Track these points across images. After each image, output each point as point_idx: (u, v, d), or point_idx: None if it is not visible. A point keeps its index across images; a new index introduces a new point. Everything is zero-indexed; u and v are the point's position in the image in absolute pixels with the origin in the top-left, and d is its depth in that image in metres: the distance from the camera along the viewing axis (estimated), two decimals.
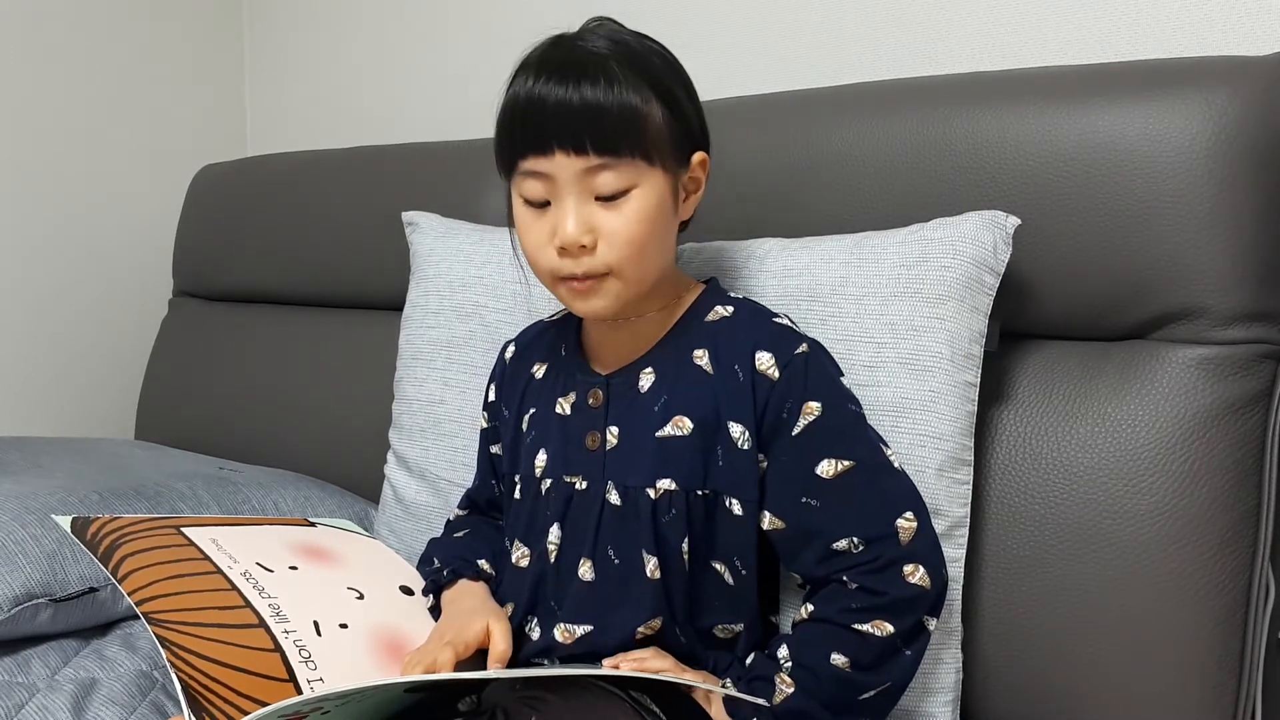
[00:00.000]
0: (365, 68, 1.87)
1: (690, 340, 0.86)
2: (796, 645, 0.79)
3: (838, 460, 0.80)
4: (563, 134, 0.78)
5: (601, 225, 0.80)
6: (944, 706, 0.86)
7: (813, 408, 0.81)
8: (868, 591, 0.78)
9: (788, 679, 0.77)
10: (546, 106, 0.78)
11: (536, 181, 0.81)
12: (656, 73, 0.81)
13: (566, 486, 0.86)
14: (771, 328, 0.85)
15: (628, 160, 0.79)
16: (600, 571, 0.83)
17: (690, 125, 0.84)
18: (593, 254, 0.80)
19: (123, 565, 0.87)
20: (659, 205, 0.81)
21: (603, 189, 0.79)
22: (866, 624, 0.77)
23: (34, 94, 1.78)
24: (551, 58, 0.80)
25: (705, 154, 0.86)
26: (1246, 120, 0.84)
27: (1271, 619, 0.85)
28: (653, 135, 0.80)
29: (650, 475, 0.82)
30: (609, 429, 0.85)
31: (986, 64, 1.17)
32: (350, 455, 1.42)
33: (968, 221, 0.89)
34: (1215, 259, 0.85)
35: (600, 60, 0.79)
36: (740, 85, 1.27)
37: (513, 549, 0.89)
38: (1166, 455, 0.84)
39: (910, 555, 0.78)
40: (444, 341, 1.17)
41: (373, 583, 0.95)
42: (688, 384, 0.84)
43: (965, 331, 0.87)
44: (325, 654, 0.82)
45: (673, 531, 0.81)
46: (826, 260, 0.94)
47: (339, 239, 1.53)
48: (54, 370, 1.83)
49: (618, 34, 0.83)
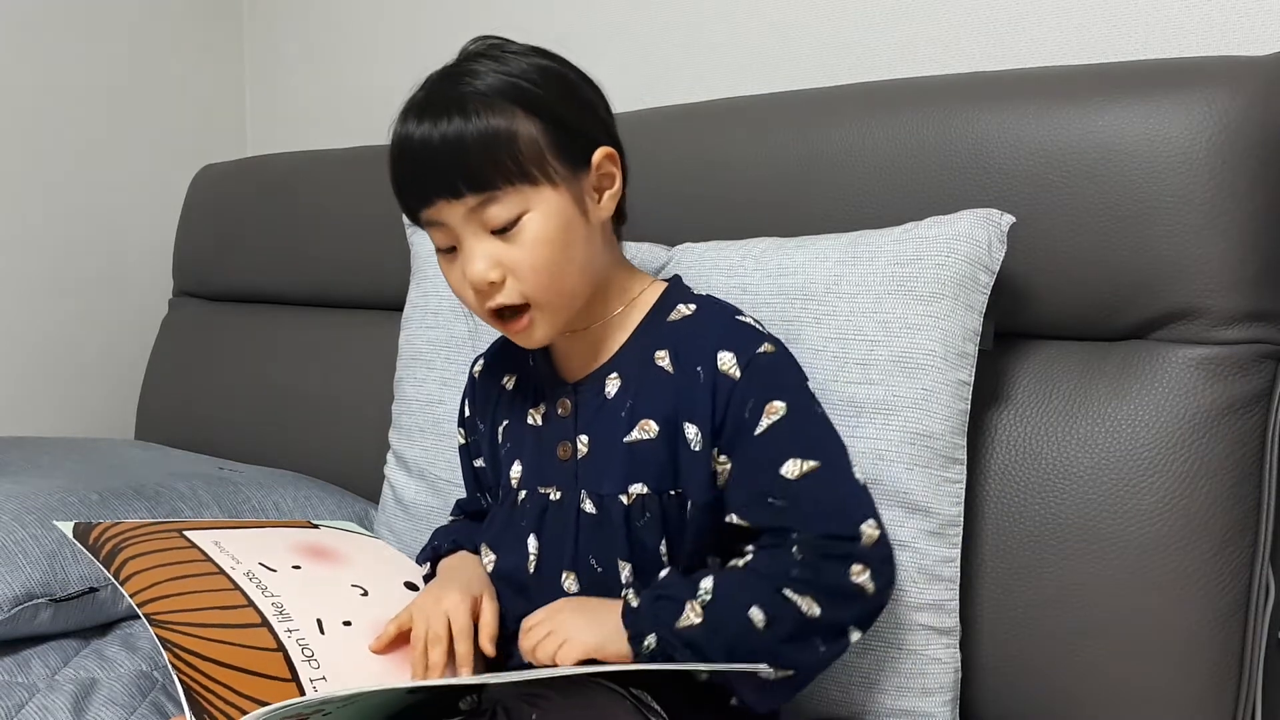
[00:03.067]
0: (365, 68, 1.87)
1: (652, 341, 0.85)
2: (721, 585, 0.76)
3: (803, 460, 0.78)
4: (435, 181, 0.78)
5: (505, 259, 0.79)
6: (943, 706, 0.86)
7: (777, 407, 0.79)
8: (812, 569, 0.75)
9: (699, 609, 0.75)
10: (414, 153, 0.78)
11: (436, 230, 0.81)
12: (527, 89, 0.79)
13: (541, 497, 0.86)
14: (734, 325, 0.84)
15: (508, 189, 0.77)
16: (584, 581, 0.83)
17: (579, 127, 0.82)
18: (503, 288, 0.80)
19: (125, 568, 0.87)
20: (560, 223, 0.79)
21: (493, 223, 0.78)
22: (798, 596, 0.74)
23: (34, 94, 1.77)
24: (415, 101, 0.80)
25: (609, 148, 0.83)
26: (1246, 120, 0.84)
27: (1271, 619, 0.85)
28: (528, 154, 0.78)
29: (622, 481, 0.82)
30: (579, 438, 0.85)
31: (986, 64, 1.17)
32: (350, 455, 1.42)
33: (962, 220, 0.89)
34: (1215, 259, 0.85)
35: (458, 97, 0.78)
36: (739, 85, 1.27)
37: (483, 554, 0.90)
38: (1166, 455, 0.84)
39: (863, 557, 0.76)
40: (444, 341, 1.17)
41: (377, 580, 0.95)
42: (651, 387, 0.83)
43: (959, 330, 0.87)
44: (329, 652, 0.82)
45: (649, 535, 0.81)
46: (820, 259, 0.94)
47: (339, 239, 1.53)
48: (54, 370, 1.83)
49: (495, 57, 0.81)
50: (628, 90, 0.93)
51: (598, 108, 0.85)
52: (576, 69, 0.85)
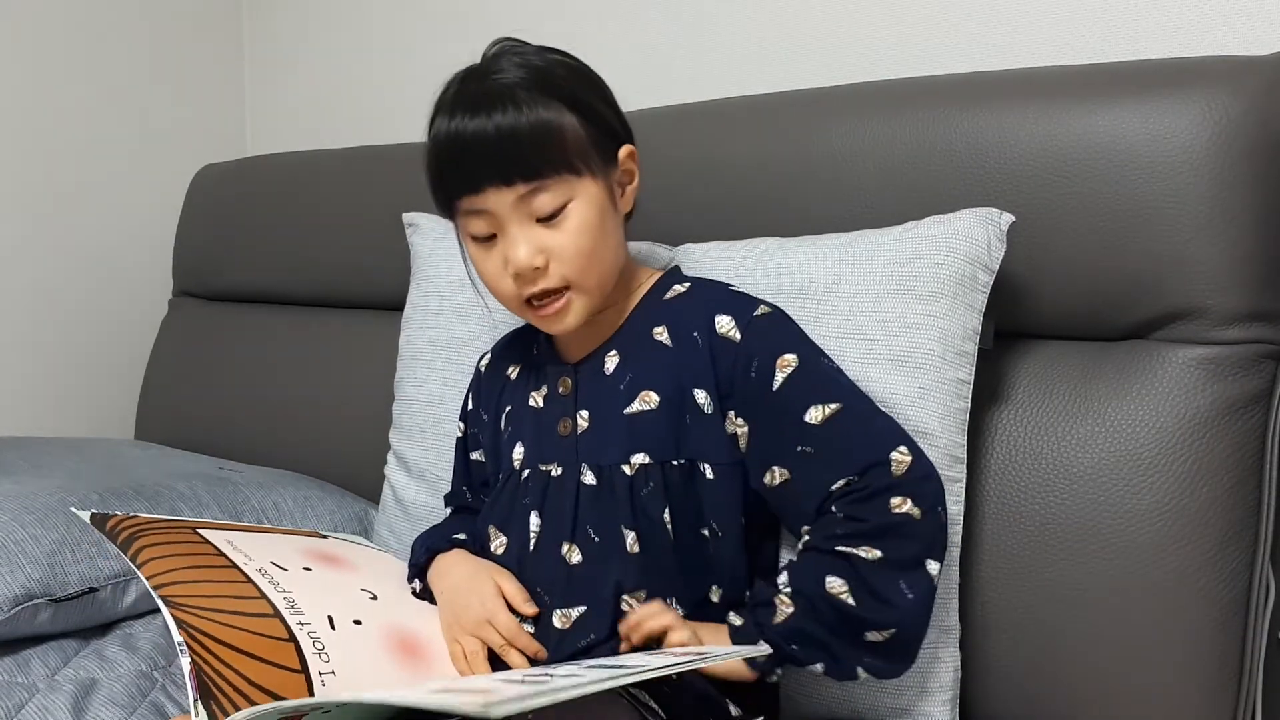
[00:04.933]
0: (365, 68, 1.87)
1: (650, 319, 0.89)
2: (793, 572, 0.80)
3: (824, 405, 0.81)
4: (488, 169, 0.81)
5: (549, 244, 0.83)
6: (942, 706, 0.87)
7: (789, 360, 0.82)
8: (852, 519, 0.78)
9: (786, 599, 0.78)
10: (466, 143, 0.81)
11: (478, 219, 0.84)
12: (564, 85, 0.84)
13: (542, 475, 0.88)
14: (728, 294, 0.88)
15: (556, 178, 0.82)
16: (584, 551, 0.85)
17: (609, 125, 0.87)
18: (547, 273, 0.83)
19: (141, 554, 0.89)
20: (599, 211, 0.84)
21: (541, 211, 0.82)
22: (851, 547, 0.77)
23: (34, 94, 1.77)
24: (464, 94, 0.83)
25: (630, 145, 0.89)
26: (1246, 120, 0.84)
27: (1271, 619, 0.85)
28: (574, 147, 0.82)
29: (624, 452, 0.84)
30: (579, 413, 0.88)
31: (985, 64, 1.17)
32: (350, 455, 1.42)
33: (961, 219, 0.89)
34: (1215, 259, 0.85)
35: (508, 89, 0.81)
36: (738, 86, 1.27)
37: (492, 537, 0.91)
38: (1166, 455, 0.84)
39: (898, 486, 0.78)
40: (444, 342, 1.17)
41: (385, 586, 0.96)
42: (650, 360, 0.86)
43: (958, 329, 0.87)
44: (339, 648, 0.82)
45: (653, 504, 0.83)
46: (820, 258, 0.94)
47: (339, 239, 1.53)
48: (54, 370, 1.83)
49: (522, 55, 0.85)
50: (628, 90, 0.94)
51: (615, 104, 0.89)
52: (591, 68, 0.89)
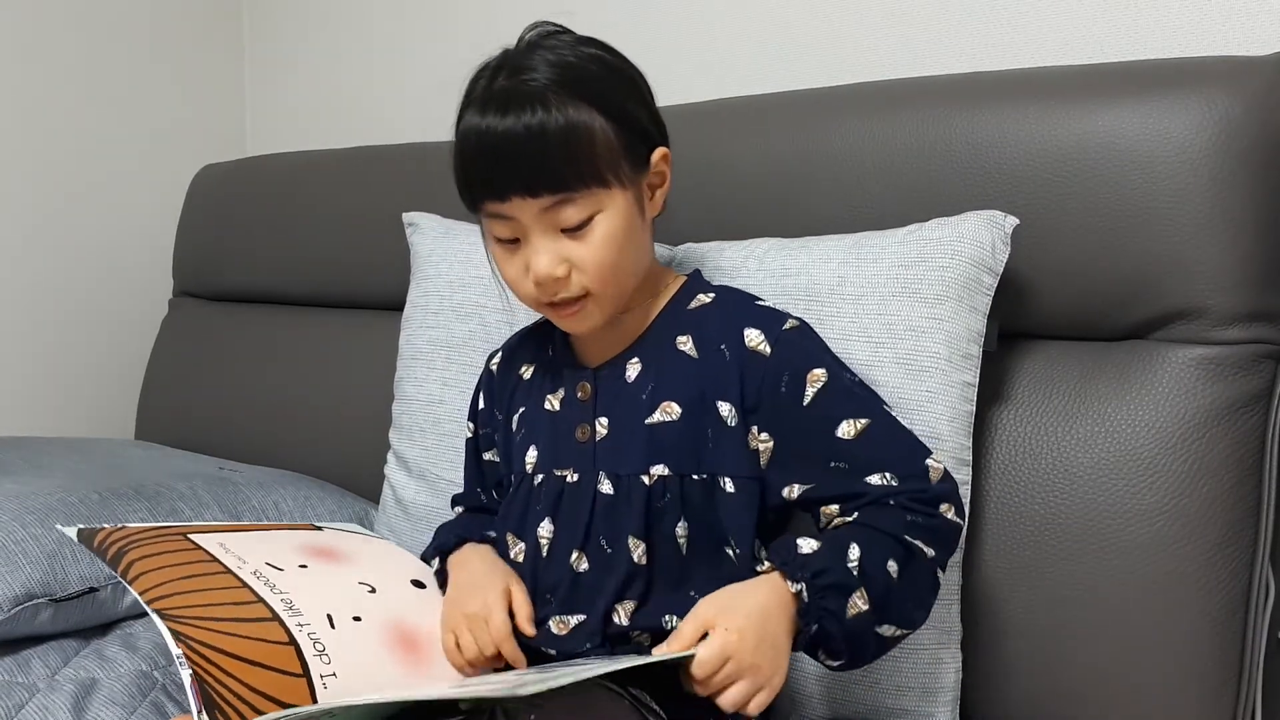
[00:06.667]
0: (365, 68, 1.87)
1: (674, 328, 0.87)
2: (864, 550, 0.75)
3: (855, 420, 0.80)
4: (514, 179, 0.79)
5: (572, 255, 0.81)
6: (944, 706, 0.87)
7: (818, 375, 0.81)
8: (919, 514, 0.77)
9: (865, 595, 0.74)
10: (494, 147, 0.79)
11: (502, 223, 0.82)
12: (597, 86, 0.81)
13: (557, 480, 0.87)
14: (756, 308, 0.87)
15: (584, 191, 0.79)
16: (591, 560, 0.84)
17: (642, 126, 0.84)
18: (568, 283, 0.82)
19: (132, 569, 0.88)
20: (625, 224, 0.82)
21: (566, 223, 0.80)
22: (918, 540, 0.77)
23: (34, 94, 1.77)
24: (494, 92, 0.80)
25: (664, 148, 0.86)
26: (1246, 120, 0.84)
27: (1271, 619, 0.85)
28: (604, 155, 0.80)
29: (643, 462, 0.83)
30: (598, 420, 0.86)
31: (986, 64, 1.17)
32: (350, 455, 1.42)
33: (966, 221, 0.89)
34: (1215, 259, 0.85)
35: (538, 92, 0.78)
36: (739, 85, 1.27)
37: (511, 545, 0.90)
38: (1166, 455, 0.84)
39: (944, 494, 0.79)
40: (444, 341, 1.17)
41: (384, 577, 0.95)
42: (673, 370, 0.85)
43: (963, 331, 0.87)
44: (339, 647, 0.82)
45: (668, 516, 0.82)
46: (824, 260, 0.94)
47: (339, 239, 1.53)
48: (54, 370, 1.83)
49: (555, 48, 0.82)
50: None
51: (651, 104, 0.87)
52: (631, 63, 0.86)
